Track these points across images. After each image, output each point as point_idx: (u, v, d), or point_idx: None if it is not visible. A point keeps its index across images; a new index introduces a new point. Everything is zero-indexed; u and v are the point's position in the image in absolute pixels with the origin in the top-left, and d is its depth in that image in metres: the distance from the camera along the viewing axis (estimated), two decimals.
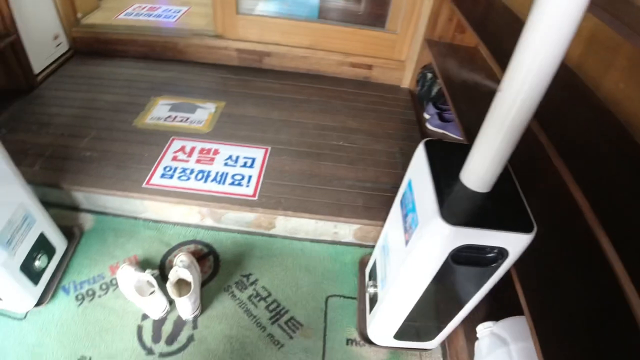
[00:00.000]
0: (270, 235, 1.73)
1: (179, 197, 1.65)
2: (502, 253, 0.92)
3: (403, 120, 2.20)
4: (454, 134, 2.10)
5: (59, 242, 1.56)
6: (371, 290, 1.36)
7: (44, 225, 1.48)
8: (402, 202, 1.15)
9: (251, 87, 2.30)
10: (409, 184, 1.11)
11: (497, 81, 0.84)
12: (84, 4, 2.69)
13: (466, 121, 1.54)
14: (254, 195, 1.66)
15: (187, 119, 2.03)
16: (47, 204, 1.49)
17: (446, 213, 0.86)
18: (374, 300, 1.36)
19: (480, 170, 0.90)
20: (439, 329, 1.27)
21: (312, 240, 1.72)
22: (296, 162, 1.83)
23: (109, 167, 1.76)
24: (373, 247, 1.66)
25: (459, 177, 0.95)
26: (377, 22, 2.42)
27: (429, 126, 2.18)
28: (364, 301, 1.49)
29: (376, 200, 1.70)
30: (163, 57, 2.52)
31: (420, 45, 2.27)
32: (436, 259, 0.93)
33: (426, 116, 2.23)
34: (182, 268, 1.43)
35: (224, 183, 1.70)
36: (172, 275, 1.42)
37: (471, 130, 1.48)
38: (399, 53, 2.41)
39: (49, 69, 2.35)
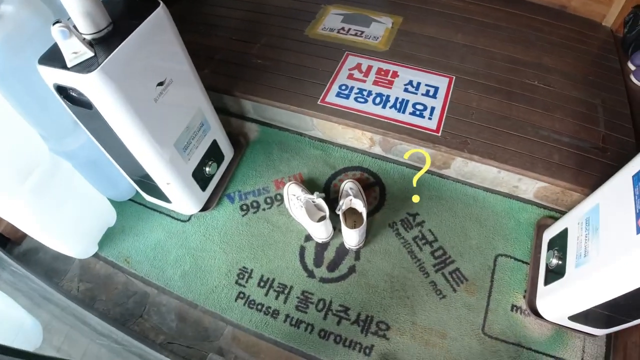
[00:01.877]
0: (441, 176, 1.57)
1: (355, 121, 1.53)
2: None
3: (604, 66, 1.79)
4: None
5: (227, 150, 1.56)
6: (553, 261, 1.23)
7: (217, 132, 1.46)
8: (638, 178, 0.96)
9: (429, 2, 2.01)
10: None
11: None
12: None
13: None
14: (437, 131, 1.49)
15: (362, 32, 1.84)
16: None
17: None
18: (554, 272, 1.23)
19: None
20: (620, 322, 1.11)
21: (486, 190, 1.54)
22: (484, 98, 1.59)
23: (283, 79, 1.69)
24: (554, 210, 1.49)
25: None
26: None
27: (633, 79, 1.77)
28: (537, 269, 1.34)
29: (572, 160, 1.43)
30: None
31: None
32: None
33: (631, 67, 1.82)
34: (355, 198, 1.35)
35: (404, 112, 1.54)
36: (345, 204, 1.35)
37: None
38: None
39: None
